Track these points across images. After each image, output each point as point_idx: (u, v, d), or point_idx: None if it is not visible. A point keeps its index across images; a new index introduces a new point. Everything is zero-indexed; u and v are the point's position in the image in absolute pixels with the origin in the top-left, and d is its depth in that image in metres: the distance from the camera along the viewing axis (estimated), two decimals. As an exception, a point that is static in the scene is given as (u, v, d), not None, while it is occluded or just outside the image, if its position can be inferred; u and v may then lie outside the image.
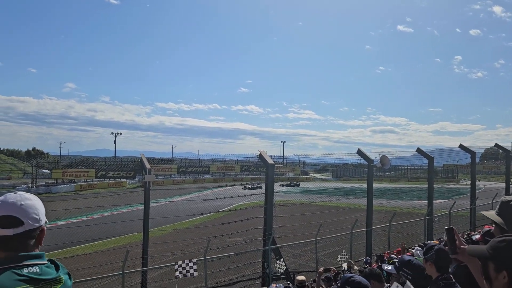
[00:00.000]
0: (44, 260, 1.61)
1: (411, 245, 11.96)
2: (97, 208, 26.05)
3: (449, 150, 23.02)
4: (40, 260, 1.59)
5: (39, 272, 1.54)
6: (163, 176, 68.56)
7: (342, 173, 79.83)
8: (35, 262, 1.56)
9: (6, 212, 1.56)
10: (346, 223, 16.59)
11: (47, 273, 1.56)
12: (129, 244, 15.53)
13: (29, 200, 1.63)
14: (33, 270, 1.52)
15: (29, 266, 1.53)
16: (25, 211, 1.58)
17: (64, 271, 1.68)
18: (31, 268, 1.53)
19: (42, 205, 1.69)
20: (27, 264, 1.53)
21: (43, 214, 1.67)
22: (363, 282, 2.83)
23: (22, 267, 1.51)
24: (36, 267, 1.54)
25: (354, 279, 2.82)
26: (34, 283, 1.50)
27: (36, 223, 1.61)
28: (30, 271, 1.51)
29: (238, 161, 71.84)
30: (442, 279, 3.05)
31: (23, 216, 1.57)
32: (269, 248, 11.74)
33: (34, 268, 1.53)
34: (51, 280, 1.56)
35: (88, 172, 61.14)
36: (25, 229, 1.58)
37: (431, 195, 16.46)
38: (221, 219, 17.20)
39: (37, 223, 1.62)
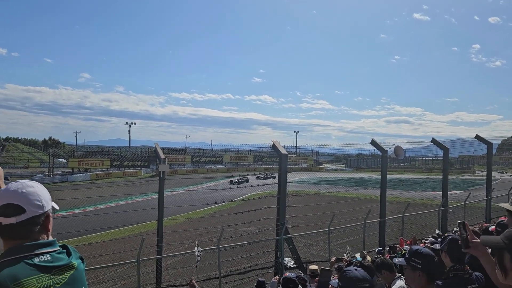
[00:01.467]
0: (56, 246, 1.63)
1: (424, 236, 11.91)
2: (113, 197, 26.53)
3: (465, 140, 22.71)
4: (51, 247, 1.60)
5: (51, 259, 1.55)
6: (176, 166, 69.11)
7: (356, 163, 79.35)
8: (46, 250, 1.57)
9: (8, 201, 1.57)
10: (359, 214, 16.57)
11: (58, 260, 1.58)
12: (144, 232, 15.80)
13: (31, 188, 1.62)
14: (44, 259, 1.54)
15: (40, 255, 1.54)
16: (26, 199, 1.58)
17: (76, 255, 1.70)
18: (42, 256, 1.54)
19: (46, 192, 1.68)
20: (38, 253, 1.54)
21: (47, 201, 1.66)
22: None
23: (33, 256, 1.52)
24: (47, 255, 1.56)
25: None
26: (47, 271, 1.51)
27: (39, 209, 1.60)
28: (42, 260, 1.53)
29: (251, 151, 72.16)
30: (453, 269, 3.06)
31: (24, 204, 1.57)
32: (282, 238, 11.81)
33: (45, 256, 1.55)
34: (63, 266, 1.58)
35: (104, 161, 62.13)
36: (28, 216, 1.57)
37: (445, 186, 16.29)
38: (234, 208, 17.33)
39: (41, 209, 1.61)
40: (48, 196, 1.68)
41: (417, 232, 12.26)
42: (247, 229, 14.35)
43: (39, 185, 1.68)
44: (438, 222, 15.64)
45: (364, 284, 2.59)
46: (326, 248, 13.87)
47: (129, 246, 13.48)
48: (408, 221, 15.98)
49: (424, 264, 2.77)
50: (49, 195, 1.70)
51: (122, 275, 12.64)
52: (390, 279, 4.25)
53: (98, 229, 16.71)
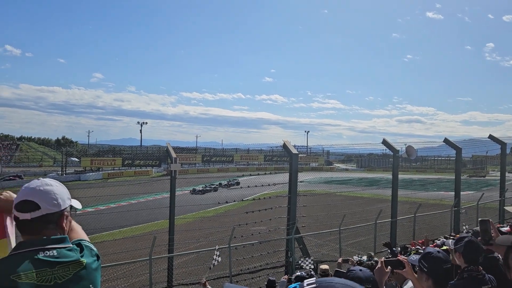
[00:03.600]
0: (66, 243, 1.66)
1: (437, 236, 11.81)
2: (124, 196, 26.73)
3: (478, 140, 22.39)
4: (61, 244, 1.63)
5: (56, 255, 1.58)
6: (187, 165, 69.42)
7: (367, 163, 78.86)
8: (54, 246, 1.60)
9: (25, 197, 1.63)
10: (370, 214, 16.49)
11: (65, 256, 1.60)
12: (155, 231, 15.91)
13: (49, 186, 1.67)
14: (49, 254, 1.57)
15: (46, 250, 1.58)
16: (42, 196, 1.63)
17: (91, 253, 1.72)
18: (47, 252, 1.57)
19: (64, 191, 1.73)
20: (44, 248, 1.58)
21: (65, 199, 1.70)
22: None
23: (38, 251, 1.56)
24: (53, 251, 1.59)
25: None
26: (50, 266, 1.54)
27: (54, 207, 1.65)
28: (46, 255, 1.56)
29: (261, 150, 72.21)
30: (467, 270, 3.05)
31: (40, 201, 1.62)
32: (293, 237, 11.81)
33: (51, 252, 1.58)
34: (69, 262, 1.60)
35: (115, 160, 62.72)
36: (42, 213, 1.62)
37: (458, 186, 16.12)
38: (244, 207, 17.37)
39: (56, 207, 1.66)
40: (66, 194, 1.73)
41: (429, 233, 12.15)
42: (258, 228, 14.37)
43: (58, 183, 1.73)
44: (451, 223, 15.49)
45: (367, 285, 2.59)
46: (337, 248, 13.84)
47: (141, 244, 13.60)
48: (419, 222, 15.85)
49: (430, 268, 2.76)
50: (68, 194, 1.75)
51: (134, 273, 12.78)
52: (402, 279, 4.24)
53: (110, 227, 16.89)
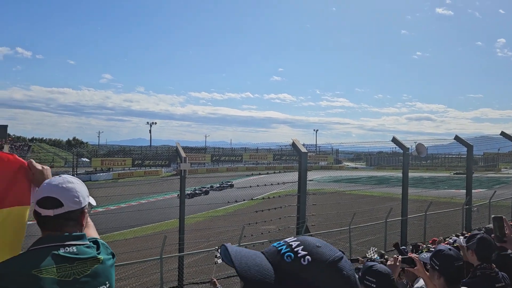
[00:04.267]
0: (85, 240, 1.69)
1: (448, 235, 11.71)
2: (134, 196, 26.90)
3: (490, 137, 22.16)
4: (80, 240, 1.67)
5: (76, 251, 1.62)
6: (197, 165, 69.64)
7: (376, 161, 78.39)
8: (74, 243, 1.64)
9: (48, 194, 1.66)
10: (380, 212, 16.41)
11: (84, 253, 1.64)
12: (165, 230, 16.01)
13: (71, 183, 1.71)
14: (69, 250, 1.61)
15: (66, 246, 1.61)
16: (65, 193, 1.67)
17: (107, 251, 1.76)
18: (67, 248, 1.61)
19: (85, 188, 1.77)
20: (65, 244, 1.61)
21: (85, 197, 1.74)
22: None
23: (59, 247, 1.60)
24: (73, 247, 1.62)
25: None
26: (69, 262, 1.58)
27: (76, 205, 1.69)
28: (67, 251, 1.60)
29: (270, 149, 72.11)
30: (480, 268, 3.02)
31: (63, 198, 1.66)
32: (302, 236, 11.80)
33: (71, 248, 1.62)
34: (88, 259, 1.64)
35: (125, 160, 63.17)
36: (64, 210, 1.65)
37: (469, 184, 15.97)
38: (254, 207, 17.42)
39: (77, 205, 1.69)
40: (86, 192, 1.76)
41: (440, 231, 12.06)
42: (268, 227, 14.39)
43: (79, 181, 1.77)
44: (462, 221, 15.36)
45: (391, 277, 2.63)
46: (347, 247, 13.79)
47: (151, 243, 13.69)
48: (430, 220, 15.74)
49: (442, 266, 2.73)
50: (87, 191, 1.78)
51: (145, 272, 12.87)
52: (413, 277, 4.22)
53: (121, 227, 17.02)
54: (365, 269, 2.79)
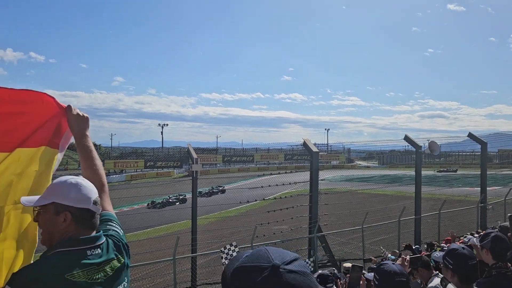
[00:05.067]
0: (102, 239, 1.72)
1: (463, 233, 11.58)
2: (147, 197, 27.11)
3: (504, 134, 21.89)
4: (100, 240, 1.70)
5: (100, 253, 1.66)
6: (208, 166, 69.87)
7: (389, 160, 77.71)
8: (97, 244, 1.67)
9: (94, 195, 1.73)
10: (393, 211, 16.27)
11: (107, 254, 1.68)
12: (178, 231, 16.10)
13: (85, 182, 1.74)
14: (95, 252, 1.64)
15: (92, 249, 1.64)
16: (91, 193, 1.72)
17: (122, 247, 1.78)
18: (93, 250, 1.64)
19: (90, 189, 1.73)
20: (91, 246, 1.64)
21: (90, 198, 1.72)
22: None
23: (86, 249, 1.63)
24: (98, 249, 1.66)
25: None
26: (96, 264, 1.62)
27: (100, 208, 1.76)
28: (93, 254, 1.63)
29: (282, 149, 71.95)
30: (496, 267, 2.99)
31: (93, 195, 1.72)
32: (315, 236, 11.77)
33: (97, 250, 1.65)
34: (110, 260, 1.68)
35: (138, 162, 63.67)
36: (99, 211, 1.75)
37: (484, 181, 15.75)
38: (266, 207, 17.42)
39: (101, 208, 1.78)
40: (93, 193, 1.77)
41: (454, 230, 11.90)
42: (280, 227, 14.38)
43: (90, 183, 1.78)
44: (477, 219, 15.16)
45: (401, 277, 2.57)
46: (360, 246, 13.72)
47: (165, 244, 13.78)
48: (444, 218, 15.55)
49: (456, 265, 2.71)
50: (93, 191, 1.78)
51: (158, 273, 12.96)
52: (427, 276, 4.19)
53: (134, 228, 17.18)
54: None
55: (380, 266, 2.69)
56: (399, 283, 2.54)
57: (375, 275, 2.68)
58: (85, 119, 2.11)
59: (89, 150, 2.05)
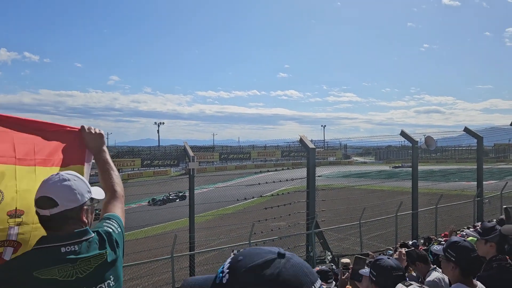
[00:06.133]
0: (88, 235, 1.66)
1: (460, 227, 11.62)
2: (144, 196, 27.05)
3: (500, 128, 21.91)
4: (84, 236, 1.65)
5: (77, 250, 1.59)
6: (205, 164, 69.77)
7: (385, 155, 77.94)
8: (76, 241, 1.61)
9: (43, 193, 1.64)
10: (391, 206, 16.31)
11: (87, 251, 1.62)
12: (175, 229, 16.09)
13: (67, 181, 1.67)
14: (71, 249, 1.58)
15: (67, 245, 1.59)
16: (60, 192, 1.63)
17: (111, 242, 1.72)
18: (69, 247, 1.58)
19: (83, 185, 1.72)
20: (66, 243, 1.59)
21: (83, 194, 1.70)
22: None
23: (60, 246, 1.58)
24: (75, 246, 1.60)
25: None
26: (71, 261, 1.56)
27: (72, 203, 1.65)
28: (68, 250, 1.58)
29: (278, 146, 72.07)
30: (496, 259, 2.98)
31: (58, 198, 1.62)
32: (313, 232, 11.79)
33: (72, 247, 1.59)
34: (90, 256, 1.62)
35: (134, 161, 63.47)
36: (60, 209, 1.62)
37: (480, 176, 15.81)
38: (264, 204, 17.39)
39: (74, 203, 1.65)
40: (85, 188, 1.73)
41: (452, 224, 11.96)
42: (278, 224, 14.39)
43: (77, 177, 1.73)
44: (474, 213, 15.23)
45: (398, 272, 2.57)
46: (358, 242, 13.75)
47: (162, 243, 13.76)
48: (442, 213, 15.60)
49: (458, 257, 2.70)
50: (87, 187, 1.75)
51: (156, 271, 12.93)
52: (425, 271, 4.19)
53: (132, 227, 17.14)
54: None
55: (376, 261, 2.68)
56: (396, 278, 2.54)
57: (372, 271, 2.67)
58: (99, 135, 2.30)
59: (106, 162, 2.25)
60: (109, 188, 2.10)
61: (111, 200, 2.03)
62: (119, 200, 2.06)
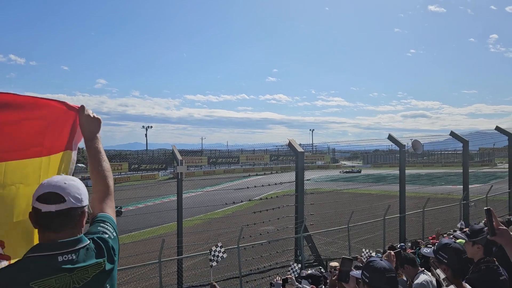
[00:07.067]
0: (84, 242, 1.61)
1: (446, 230, 11.73)
2: (132, 200, 26.82)
3: (484, 133, 22.25)
4: (81, 243, 1.59)
5: (75, 259, 1.54)
6: (193, 168, 69.46)
7: (373, 159, 78.59)
8: (73, 249, 1.56)
9: (50, 189, 1.59)
10: (378, 210, 16.42)
11: (84, 260, 1.56)
12: (163, 234, 15.94)
13: (73, 181, 1.66)
14: (68, 258, 1.53)
15: (65, 254, 1.53)
16: (67, 190, 1.61)
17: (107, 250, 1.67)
18: (66, 256, 1.53)
19: (85, 189, 1.70)
20: (63, 252, 1.54)
21: (86, 197, 1.68)
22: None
23: (57, 255, 1.52)
24: (72, 254, 1.55)
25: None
26: (68, 271, 1.51)
27: (78, 202, 1.62)
28: (65, 259, 1.52)
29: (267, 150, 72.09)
30: (484, 261, 3.01)
31: (65, 194, 1.59)
32: (301, 236, 11.79)
33: (70, 256, 1.54)
34: (88, 266, 1.57)
35: (122, 165, 62.86)
36: (67, 206, 1.58)
37: (466, 179, 16.03)
38: (252, 208, 17.38)
39: (79, 203, 1.63)
40: (86, 193, 1.70)
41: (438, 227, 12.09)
42: (266, 228, 14.36)
43: (79, 181, 1.71)
44: (460, 216, 15.40)
45: (391, 273, 2.56)
46: (346, 246, 13.79)
47: (150, 247, 13.63)
48: (429, 216, 15.76)
49: (450, 259, 2.71)
50: (86, 192, 1.72)
51: (144, 277, 12.80)
52: (413, 273, 4.21)
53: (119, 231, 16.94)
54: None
55: (369, 263, 2.67)
56: (390, 279, 2.53)
57: (364, 273, 2.64)
58: (96, 120, 2.13)
59: (98, 151, 2.06)
60: (101, 181, 1.96)
61: (104, 197, 1.91)
62: (110, 198, 1.95)
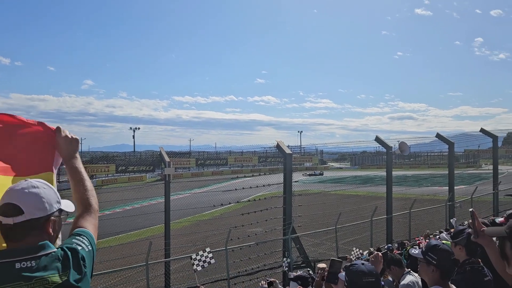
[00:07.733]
0: (48, 249, 1.50)
1: (432, 231, 11.87)
2: (119, 202, 26.53)
3: (470, 135, 22.63)
4: (43, 250, 1.49)
5: (35, 267, 1.43)
6: (181, 169, 69.07)
7: (361, 161, 79.11)
8: (33, 256, 1.46)
9: (9, 200, 1.51)
10: (366, 211, 16.53)
11: (44, 268, 1.44)
12: (151, 236, 15.80)
13: (36, 189, 1.55)
14: (26, 265, 1.43)
15: (23, 261, 1.43)
16: (27, 200, 1.51)
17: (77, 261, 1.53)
18: (25, 262, 1.43)
19: (53, 194, 1.61)
20: (22, 258, 1.44)
21: (52, 203, 1.58)
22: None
23: (15, 262, 1.42)
24: (32, 261, 1.44)
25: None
26: (25, 279, 1.39)
27: (40, 212, 1.52)
28: (24, 266, 1.42)
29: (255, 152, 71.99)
30: (469, 262, 3.04)
31: (24, 205, 1.49)
32: (289, 237, 11.80)
33: (29, 263, 1.43)
34: (47, 276, 1.43)
35: (109, 167, 62.19)
36: (25, 218, 1.49)
37: (452, 181, 16.25)
38: (240, 209, 17.32)
39: (42, 212, 1.53)
40: (54, 198, 1.61)
41: (425, 228, 12.23)
42: (254, 230, 14.36)
43: (47, 185, 1.62)
44: (446, 217, 15.60)
45: (369, 278, 2.57)
46: (333, 247, 13.85)
47: (137, 250, 13.50)
48: (415, 217, 15.93)
49: (440, 261, 2.74)
50: (57, 197, 1.64)
51: (131, 279, 12.68)
52: (399, 274, 4.25)
53: (105, 234, 16.75)
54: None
55: (350, 266, 2.70)
56: (367, 284, 2.55)
57: (345, 276, 2.68)
58: (74, 140, 2.09)
59: (78, 171, 2.03)
60: (82, 200, 1.88)
61: (84, 214, 1.81)
62: (92, 215, 1.85)
